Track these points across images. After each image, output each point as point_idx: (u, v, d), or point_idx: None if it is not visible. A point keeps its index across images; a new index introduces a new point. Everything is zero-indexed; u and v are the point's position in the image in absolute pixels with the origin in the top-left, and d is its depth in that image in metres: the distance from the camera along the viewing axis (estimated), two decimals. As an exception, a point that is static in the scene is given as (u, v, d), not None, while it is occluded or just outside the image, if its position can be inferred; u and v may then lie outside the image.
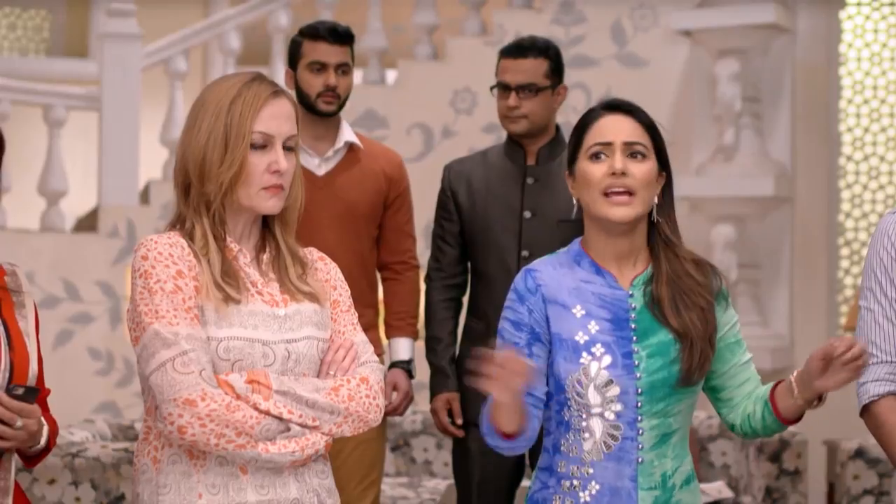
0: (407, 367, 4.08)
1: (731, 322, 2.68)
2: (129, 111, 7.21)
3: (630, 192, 2.59)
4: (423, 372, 4.14)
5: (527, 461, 4.03)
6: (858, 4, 6.70)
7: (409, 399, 4.08)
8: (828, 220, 6.65)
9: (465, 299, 4.13)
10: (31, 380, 2.56)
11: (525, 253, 3.92)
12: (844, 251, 6.69)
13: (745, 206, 6.49)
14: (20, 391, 2.47)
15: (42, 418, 2.56)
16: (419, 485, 5.70)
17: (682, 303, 2.61)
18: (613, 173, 2.58)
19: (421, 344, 4.15)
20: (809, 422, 2.74)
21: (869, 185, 6.66)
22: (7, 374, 2.50)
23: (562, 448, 2.62)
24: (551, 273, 2.66)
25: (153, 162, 7.77)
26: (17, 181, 6.68)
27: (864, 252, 6.59)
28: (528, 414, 2.57)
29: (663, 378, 2.59)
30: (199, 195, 2.49)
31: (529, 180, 3.97)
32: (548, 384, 2.64)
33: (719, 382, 2.69)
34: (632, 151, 2.61)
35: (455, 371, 4.01)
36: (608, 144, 2.61)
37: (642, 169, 2.61)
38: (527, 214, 3.94)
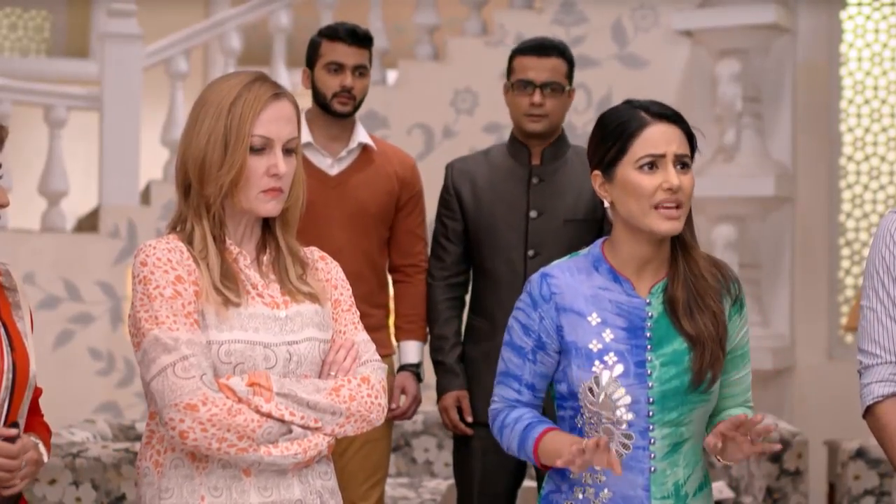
0: (416, 370, 4.08)
1: (742, 332, 2.68)
2: (129, 111, 7.20)
3: (679, 206, 2.58)
4: (426, 372, 4.14)
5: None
6: (859, 4, 6.69)
7: (417, 403, 4.08)
8: (829, 220, 6.65)
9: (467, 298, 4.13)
10: (32, 380, 2.56)
11: (531, 252, 3.92)
12: (845, 251, 6.68)
13: (745, 207, 6.49)
14: (14, 429, 2.48)
15: (33, 437, 2.56)
16: (420, 485, 5.70)
17: (695, 306, 2.60)
18: (669, 188, 2.56)
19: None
20: (810, 422, 2.74)
21: (870, 185, 6.66)
22: (10, 375, 2.51)
23: None
24: (567, 280, 2.64)
25: (154, 162, 7.77)
26: (18, 181, 6.67)
27: (865, 252, 6.58)
28: None
29: (676, 387, 2.58)
30: (199, 196, 2.49)
31: (535, 180, 3.97)
32: (560, 389, 2.66)
33: None
34: (680, 163, 2.60)
35: (463, 369, 4.00)
36: (661, 156, 2.58)
37: (689, 180, 2.60)
38: (533, 214, 3.94)
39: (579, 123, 6.76)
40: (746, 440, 2.48)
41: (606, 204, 2.64)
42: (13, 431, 2.47)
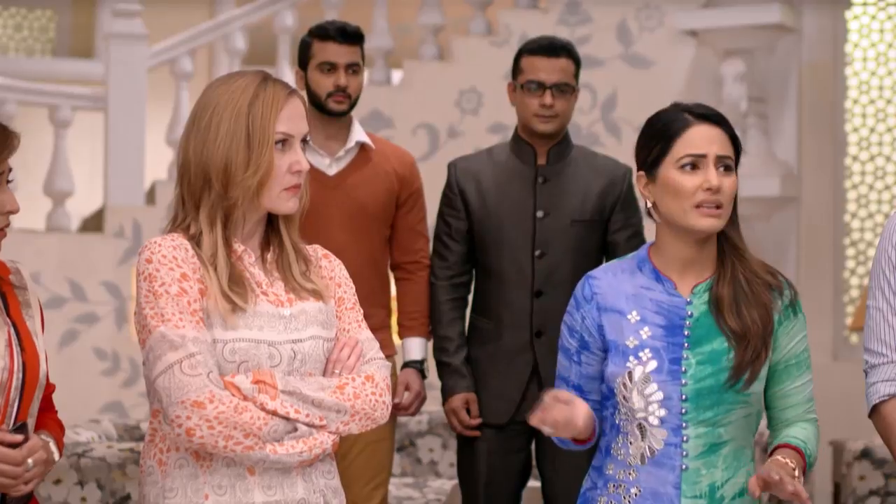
0: (419, 366, 4.07)
1: (796, 339, 2.67)
2: (134, 111, 7.21)
3: (719, 206, 2.59)
4: (430, 372, 4.13)
5: (534, 461, 4.03)
6: (864, 4, 6.69)
7: (421, 399, 4.07)
8: (834, 220, 6.64)
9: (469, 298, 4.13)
10: (42, 380, 2.56)
11: (538, 252, 3.91)
12: (850, 251, 6.68)
13: (751, 207, 6.48)
14: (19, 435, 2.48)
15: (43, 436, 2.57)
16: (424, 485, 5.70)
17: (744, 301, 2.61)
18: (709, 188, 2.57)
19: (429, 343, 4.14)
20: (815, 422, 2.73)
21: (875, 185, 6.66)
22: (21, 375, 2.51)
23: (612, 451, 2.66)
24: (610, 280, 2.68)
25: (159, 162, 7.78)
26: (23, 181, 6.66)
27: (871, 252, 6.58)
28: (594, 419, 2.67)
29: (710, 385, 2.58)
30: (220, 200, 2.46)
31: (541, 180, 3.96)
32: (603, 388, 2.68)
33: (769, 402, 2.69)
34: (723, 165, 2.61)
35: (471, 371, 3.99)
36: (702, 157, 2.59)
37: (731, 183, 2.61)
38: (539, 214, 3.94)
39: (584, 123, 6.76)
40: (785, 488, 2.48)
41: (648, 205, 2.66)
42: (17, 437, 2.47)
